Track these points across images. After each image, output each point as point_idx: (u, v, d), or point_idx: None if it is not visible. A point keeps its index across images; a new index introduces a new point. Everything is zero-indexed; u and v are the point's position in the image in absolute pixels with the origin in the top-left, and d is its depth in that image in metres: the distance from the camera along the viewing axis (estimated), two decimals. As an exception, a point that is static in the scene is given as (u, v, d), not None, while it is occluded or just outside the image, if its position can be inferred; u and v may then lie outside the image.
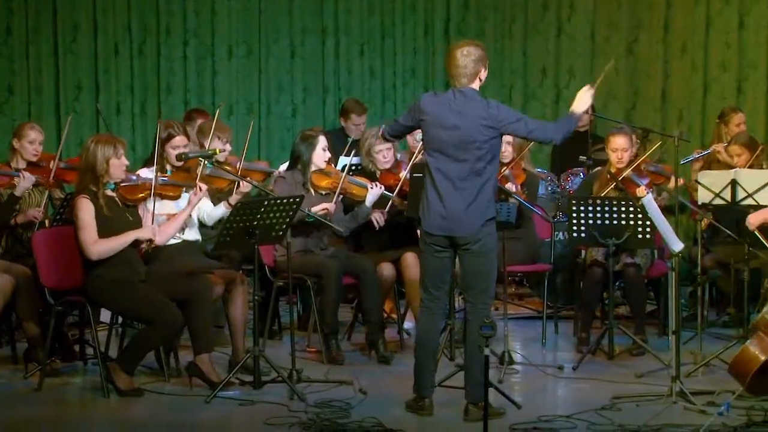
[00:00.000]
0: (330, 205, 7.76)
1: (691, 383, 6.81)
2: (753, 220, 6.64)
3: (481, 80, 6.34)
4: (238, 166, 7.97)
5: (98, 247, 6.76)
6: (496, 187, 6.48)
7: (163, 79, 10.93)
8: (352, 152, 8.18)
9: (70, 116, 8.90)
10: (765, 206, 7.93)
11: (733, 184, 8.01)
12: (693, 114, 10.98)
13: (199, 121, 9.00)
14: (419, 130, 6.53)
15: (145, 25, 10.91)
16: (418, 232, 6.54)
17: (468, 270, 6.34)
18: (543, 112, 11.29)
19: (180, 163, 7.45)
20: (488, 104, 6.31)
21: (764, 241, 6.53)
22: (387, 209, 8.05)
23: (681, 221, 8.77)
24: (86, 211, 6.75)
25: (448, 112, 6.24)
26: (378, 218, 8.05)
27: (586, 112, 8.97)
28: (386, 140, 6.74)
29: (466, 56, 6.25)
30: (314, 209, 7.70)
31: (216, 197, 7.76)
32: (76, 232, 6.78)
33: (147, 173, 7.34)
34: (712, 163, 9.04)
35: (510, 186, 8.22)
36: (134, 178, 7.10)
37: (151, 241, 6.89)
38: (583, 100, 6.54)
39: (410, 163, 8.14)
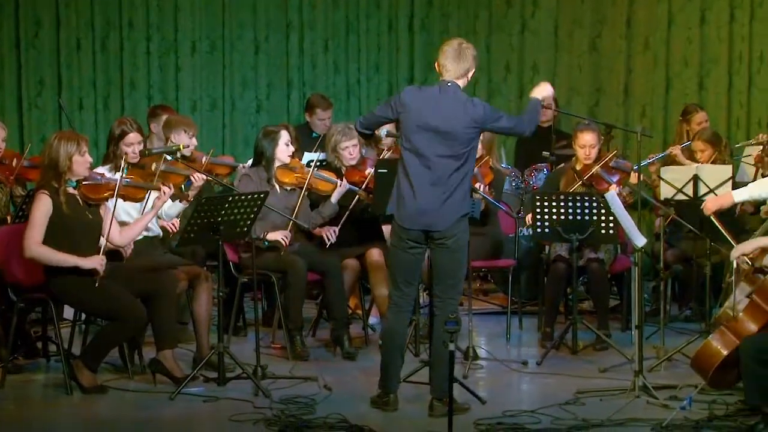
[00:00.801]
0: (286, 234, 7.70)
1: (653, 378, 6.85)
2: (710, 205, 6.67)
3: (468, 79, 6.35)
4: (204, 161, 7.94)
5: (39, 250, 6.66)
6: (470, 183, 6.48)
7: (126, 75, 10.88)
8: (318, 148, 8.17)
9: None
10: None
11: (695, 179, 8.08)
12: (655, 109, 11.06)
13: (164, 117, 8.96)
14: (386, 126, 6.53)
15: (108, 20, 10.84)
16: (389, 228, 6.50)
17: (440, 265, 6.34)
18: (507, 107, 11.31)
19: (135, 160, 7.38)
20: (472, 102, 6.32)
21: (723, 231, 6.57)
22: (351, 205, 8.04)
23: (644, 216, 8.82)
24: (41, 209, 6.67)
25: (431, 108, 6.23)
26: (329, 235, 8.01)
27: (549, 107, 9.05)
28: (359, 133, 6.70)
29: (465, 51, 6.29)
30: (270, 237, 7.66)
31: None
32: (28, 221, 6.72)
33: (105, 173, 7.27)
34: (670, 164, 9.07)
35: (478, 185, 8.22)
36: (99, 177, 7.03)
37: (97, 272, 6.78)
38: (542, 88, 6.55)
39: (377, 159, 8.14)
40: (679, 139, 9.51)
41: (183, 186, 7.39)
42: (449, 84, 6.28)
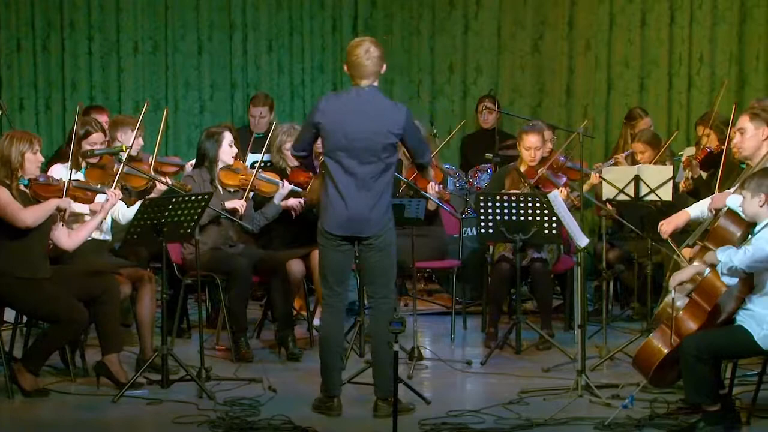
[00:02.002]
0: (240, 203, 7.71)
1: (596, 377, 6.92)
2: (666, 228, 6.69)
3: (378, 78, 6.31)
4: (150, 161, 7.89)
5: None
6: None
7: (68, 75, 10.78)
8: (264, 149, 8.15)
9: None
10: (668, 201, 8.10)
11: (637, 180, 8.16)
12: (597, 110, 11.15)
13: (96, 118, 8.89)
14: None
15: (49, 20, 10.74)
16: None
17: (370, 265, 6.35)
18: (451, 108, 11.38)
19: (95, 160, 7.35)
20: (397, 106, 6.34)
21: (677, 251, 6.60)
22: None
23: (586, 216, 8.90)
24: (3, 196, 6.65)
25: (353, 113, 6.20)
26: (295, 206, 8.01)
27: (492, 109, 9.07)
28: (297, 158, 6.64)
29: (371, 54, 6.21)
30: (227, 204, 7.66)
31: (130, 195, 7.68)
32: (1, 213, 6.66)
33: (62, 171, 7.23)
34: None
35: (432, 185, 8.26)
36: (48, 177, 7.00)
37: (65, 211, 6.79)
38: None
39: (321, 160, 8.13)
40: (624, 143, 9.59)
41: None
42: (367, 88, 6.24)
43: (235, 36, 11.13)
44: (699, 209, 6.77)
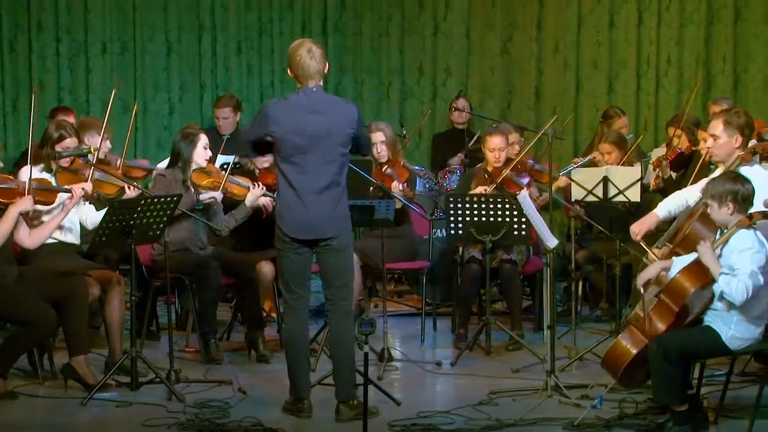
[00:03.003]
0: (217, 194, 7.68)
1: (565, 377, 6.94)
2: (636, 229, 6.72)
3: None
4: (118, 164, 7.86)
5: None
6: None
7: (36, 76, 10.72)
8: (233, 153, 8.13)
9: None
10: (636, 202, 8.14)
11: (605, 181, 8.19)
12: (566, 111, 11.17)
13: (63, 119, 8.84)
14: None
15: (17, 21, 10.69)
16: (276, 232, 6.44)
17: (327, 267, 6.34)
18: (420, 110, 11.39)
19: (66, 164, 7.31)
20: (347, 103, 6.36)
21: (650, 252, 6.62)
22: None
23: (555, 218, 8.93)
24: None
25: (307, 116, 6.17)
26: (267, 204, 7.99)
27: (463, 109, 9.09)
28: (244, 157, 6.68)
29: (314, 53, 6.18)
30: (202, 197, 7.63)
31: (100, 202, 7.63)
32: None
33: (35, 173, 7.16)
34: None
35: (396, 184, 8.27)
36: (10, 181, 6.95)
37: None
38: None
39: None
40: (599, 141, 9.62)
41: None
42: (314, 89, 6.22)
43: (204, 37, 11.11)
44: (666, 209, 6.81)
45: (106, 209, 6.98)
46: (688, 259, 6.04)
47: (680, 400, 5.93)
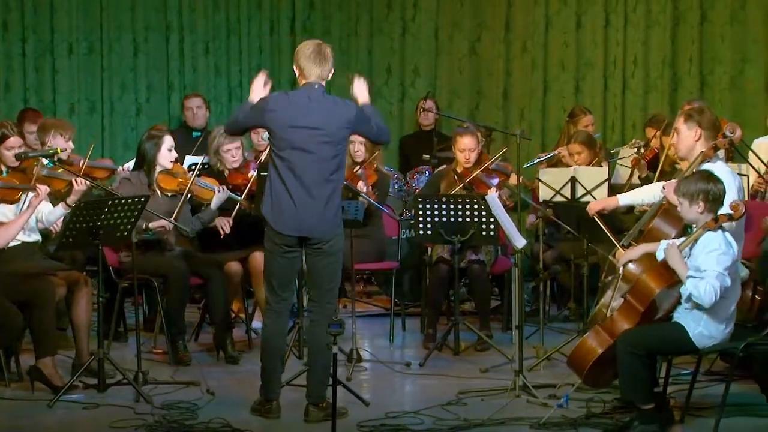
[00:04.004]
0: (167, 224, 7.62)
1: (533, 377, 6.97)
2: (593, 205, 6.94)
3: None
4: (81, 164, 7.81)
5: None
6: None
7: (1, 77, 10.64)
8: (203, 152, 8.11)
9: None
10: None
11: (573, 181, 8.23)
12: (534, 112, 11.24)
13: (30, 121, 8.80)
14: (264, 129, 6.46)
15: (-19, 21, 10.62)
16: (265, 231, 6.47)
17: (317, 269, 6.32)
18: (389, 110, 11.40)
19: (16, 164, 7.26)
20: (345, 103, 6.32)
21: (606, 230, 6.71)
22: (234, 212, 7.99)
23: (523, 218, 8.95)
24: None
25: (305, 112, 6.16)
26: (223, 225, 7.96)
27: (430, 109, 9.10)
28: (229, 134, 6.68)
29: (326, 51, 6.21)
30: (152, 225, 7.58)
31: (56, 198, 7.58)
32: None
33: None
34: (557, 164, 9.21)
35: (361, 185, 8.27)
36: None
37: None
38: (362, 92, 6.47)
39: (258, 162, 8.12)
40: (566, 139, 9.67)
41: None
42: (317, 87, 6.21)
43: (171, 37, 11.06)
44: (631, 198, 6.89)
45: (68, 210, 6.94)
46: (674, 241, 6.04)
47: (646, 397, 5.96)
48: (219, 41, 11.25)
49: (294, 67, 6.30)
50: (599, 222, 6.80)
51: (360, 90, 6.45)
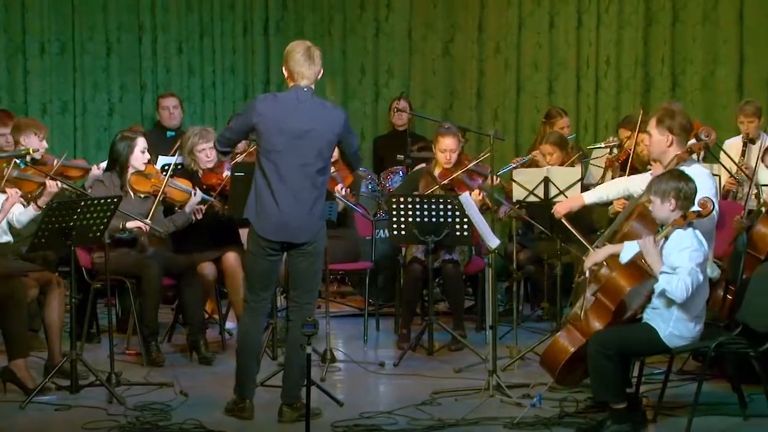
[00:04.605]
0: (144, 225, 7.59)
1: (507, 377, 6.98)
2: (559, 208, 6.96)
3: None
4: (54, 164, 7.78)
5: None
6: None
7: (-27, 77, 10.59)
8: (177, 152, 8.08)
9: None
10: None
11: (546, 181, 8.25)
12: (507, 112, 11.26)
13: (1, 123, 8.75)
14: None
15: (-48, 21, 10.54)
16: (246, 231, 6.37)
17: (299, 270, 6.30)
18: (363, 111, 11.41)
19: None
20: (336, 109, 6.32)
21: (575, 233, 6.74)
22: (204, 211, 7.98)
23: (497, 218, 8.97)
24: None
25: (294, 115, 6.11)
26: (197, 213, 7.93)
27: (405, 110, 9.09)
28: (220, 152, 6.59)
29: (315, 53, 6.16)
30: (129, 224, 7.56)
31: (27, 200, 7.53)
32: None
33: None
34: (531, 166, 9.21)
35: (339, 188, 8.26)
36: None
37: None
38: None
39: (233, 162, 8.11)
40: (542, 140, 9.69)
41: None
42: (305, 89, 6.17)
43: (144, 38, 11.03)
44: (596, 195, 6.91)
45: (39, 212, 6.91)
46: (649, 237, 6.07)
47: (618, 397, 5.98)
48: (192, 41, 11.23)
49: (283, 69, 6.25)
50: (567, 224, 6.81)
51: None
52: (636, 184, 6.76)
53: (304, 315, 6.21)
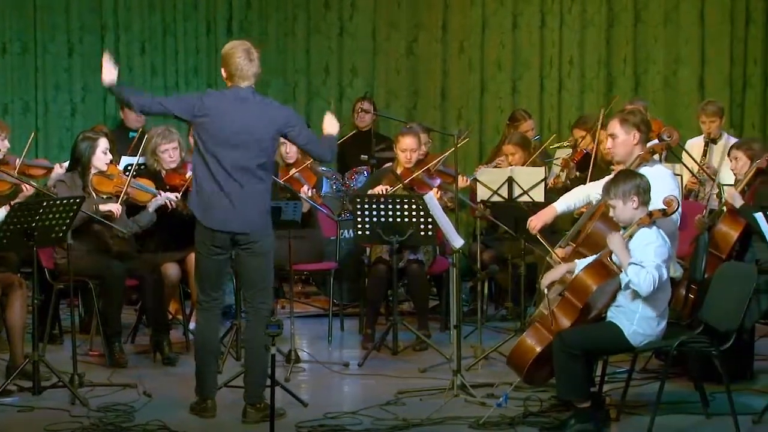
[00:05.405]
0: (116, 207, 7.57)
1: (472, 376, 7.00)
2: (535, 223, 6.85)
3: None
4: (16, 164, 7.73)
5: None
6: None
7: (-65, 77, 10.49)
8: (139, 152, 8.04)
9: None
10: (540, 203, 8.23)
11: (510, 181, 8.28)
12: (471, 112, 11.29)
13: None
14: None
15: None
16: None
17: (249, 270, 6.33)
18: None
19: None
20: (278, 106, 6.36)
21: (548, 247, 6.73)
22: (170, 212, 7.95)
23: (461, 218, 8.99)
24: None
25: (239, 112, 6.16)
26: (170, 200, 7.90)
27: (368, 111, 9.12)
28: (139, 111, 6.59)
29: (253, 56, 6.21)
30: (102, 207, 7.53)
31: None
32: None
33: None
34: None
35: (305, 189, 8.25)
36: None
37: None
38: (332, 123, 6.54)
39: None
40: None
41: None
42: (246, 88, 6.22)
43: (107, 38, 10.95)
44: (565, 203, 6.93)
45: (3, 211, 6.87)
46: (590, 260, 6.14)
47: (583, 396, 6.02)
48: (155, 41, 11.16)
49: (222, 70, 6.29)
50: (541, 239, 6.79)
51: (329, 125, 6.52)
52: (596, 190, 6.78)
53: (260, 315, 6.26)
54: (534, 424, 6.16)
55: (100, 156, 7.69)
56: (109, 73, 6.32)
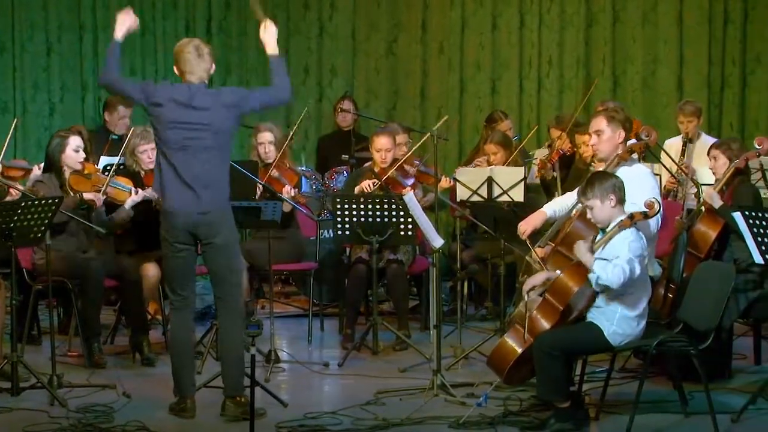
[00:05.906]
0: (98, 196, 7.56)
1: (451, 376, 7.01)
2: (524, 228, 6.81)
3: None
4: (-2, 166, 7.71)
5: None
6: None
7: None
8: (120, 152, 8.01)
9: None
10: (520, 202, 8.25)
11: (489, 181, 8.29)
12: (451, 112, 11.28)
13: None
14: None
15: None
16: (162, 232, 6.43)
17: (215, 266, 6.35)
18: (307, 111, 11.35)
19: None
20: (219, 91, 6.47)
21: (534, 251, 6.71)
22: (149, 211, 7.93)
23: (441, 218, 8.99)
24: None
25: (185, 104, 6.22)
26: (150, 193, 7.88)
27: (348, 111, 9.10)
28: (100, 84, 6.69)
29: (203, 52, 6.28)
30: (86, 196, 7.51)
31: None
32: None
33: None
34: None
35: (287, 189, 8.24)
36: None
37: None
38: (270, 43, 6.58)
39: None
40: (484, 143, 9.72)
41: None
42: (199, 84, 6.29)
43: (85, 37, 10.91)
44: (552, 208, 6.92)
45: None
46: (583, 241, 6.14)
47: (563, 396, 6.04)
48: (133, 40, 11.12)
49: (174, 68, 6.37)
50: (530, 245, 6.79)
51: (269, 37, 6.56)
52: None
53: (232, 308, 6.31)
54: (514, 423, 6.18)
55: (71, 154, 7.64)
56: (122, 27, 6.72)
